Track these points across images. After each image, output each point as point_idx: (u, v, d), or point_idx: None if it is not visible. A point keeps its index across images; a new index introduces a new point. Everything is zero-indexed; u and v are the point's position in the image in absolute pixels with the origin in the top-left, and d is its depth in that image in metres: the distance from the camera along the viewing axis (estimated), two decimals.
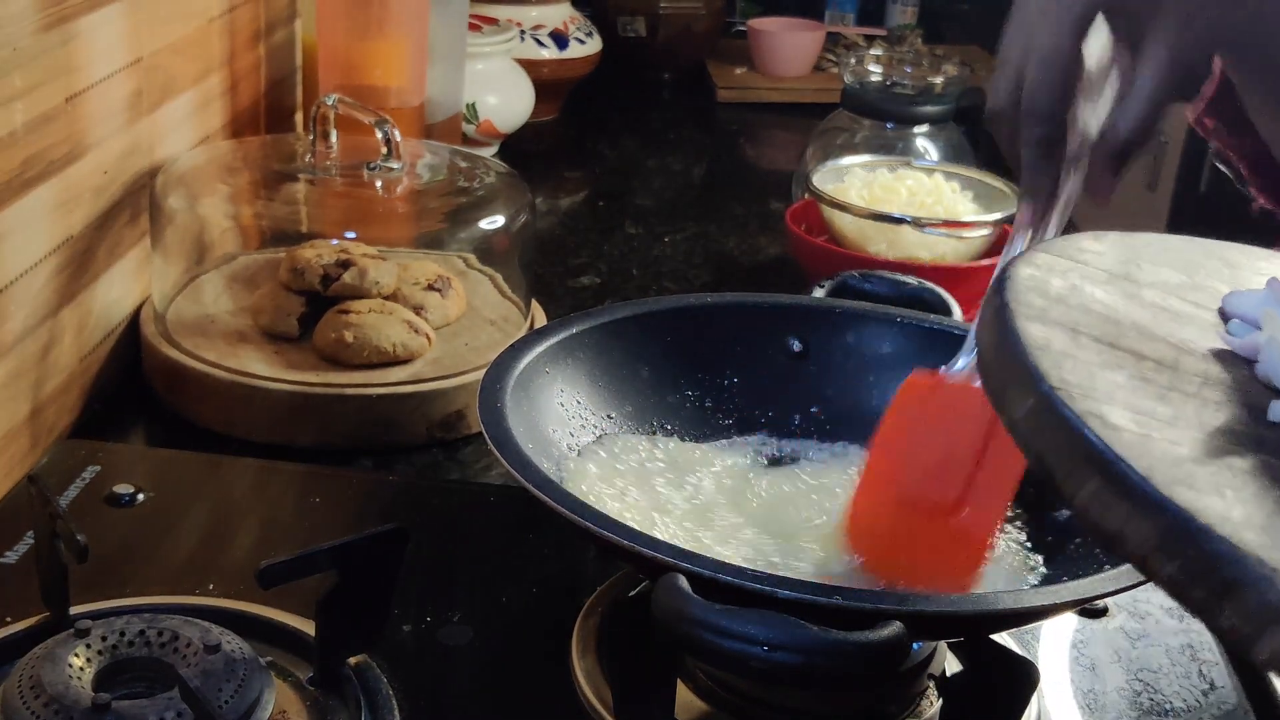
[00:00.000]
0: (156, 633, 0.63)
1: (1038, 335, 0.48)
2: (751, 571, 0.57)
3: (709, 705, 0.66)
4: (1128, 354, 0.50)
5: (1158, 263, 0.58)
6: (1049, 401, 0.45)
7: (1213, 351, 0.52)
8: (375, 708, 0.65)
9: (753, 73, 1.92)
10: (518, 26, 1.60)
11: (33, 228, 0.87)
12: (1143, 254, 0.58)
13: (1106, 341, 0.50)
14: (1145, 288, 0.56)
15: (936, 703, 0.67)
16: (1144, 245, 0.60)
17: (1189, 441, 0.45)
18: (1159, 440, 0.44)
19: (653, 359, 0.78)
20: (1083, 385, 0.46)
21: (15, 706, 0.58)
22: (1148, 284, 0.56)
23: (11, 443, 0.86)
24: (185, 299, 1.04)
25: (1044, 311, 0.50)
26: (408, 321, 0.98)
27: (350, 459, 0.93)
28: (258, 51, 1.26)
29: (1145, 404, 0.47)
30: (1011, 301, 0.50)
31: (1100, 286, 0.54)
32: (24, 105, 0.84)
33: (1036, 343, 0.48)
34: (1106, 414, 0.44)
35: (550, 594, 0.76)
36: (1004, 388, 0.48)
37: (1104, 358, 0.49)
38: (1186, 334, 0.53)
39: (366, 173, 1.05)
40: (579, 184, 1.57)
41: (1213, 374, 0.51)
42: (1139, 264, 0.57)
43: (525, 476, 0.62)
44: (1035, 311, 0.50)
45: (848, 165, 1.29)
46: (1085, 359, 0.48)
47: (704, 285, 1.28)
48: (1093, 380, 0.47)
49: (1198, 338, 0.53)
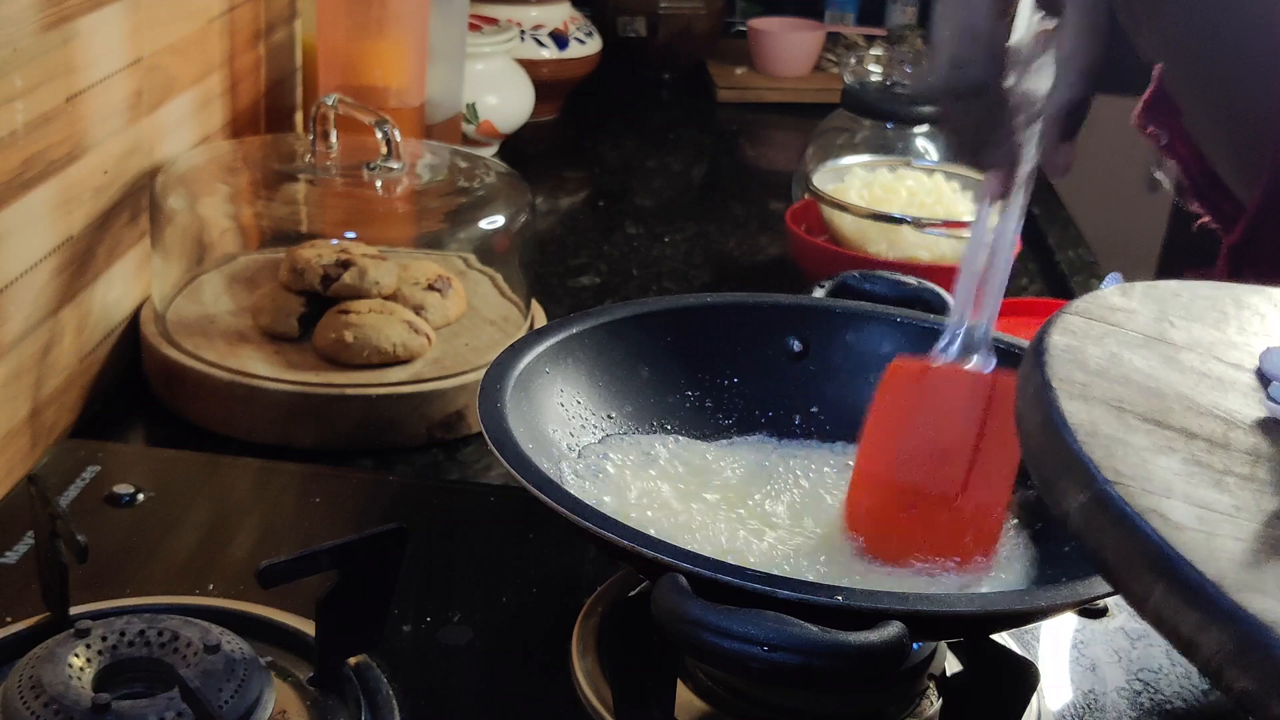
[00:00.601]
0: (156, 633, 0.63)
1: (1084, 419, 0.47)
2: (752, 571, 0.57)
3: (709, 705, 0.66)
4: (1178, 433, 0.48)
5: (1189, 318, 0.57)
6: (1106, 498, 0.43)
7: (1259, 422, 0.51)
8: (375, 708, 0.65)
9: (753, 73, 1.92)
10: (518, 26, 1.61)
11: (33, 228, 0.87)
12: (1172, 308, 0.57)
13: (1154, 419, 0.48)
14: (1182, 350, 0.54)
15: (936, 703, 0.67)
16: (1172, 297, 0.58)
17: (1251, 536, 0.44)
18: (1223, 538, 0.43)
19: (653, 359, 0.78)
20: (1138, 477, 0.44)
21: (15, 706, 0.58)
22: (1184, 345, 0.55)
23: (11, 443, 0.86)
24: (185, 299, 1.04)
25: (1086, 389, 0.49)
26: (408, 321, 0.98)
27: (350, 459, 0.93)
28: (258, 51, 1.26)
29: (1204, 494, 0.45)
30: (1053, 379, 0.48)
31: (1137, 352, 0.53)
32: (24, 105, 0.84)
33: (1084, 428, 0.46)
34: (1167, 511, 0.43)
35: (550, 594, 0.76)
36: (1054, 478, 0.46)
37: (1154, 440, 0.47)
38: (1231, 403, 0.52)
39: (366, 173, 1.05)
40: (579, 184, 1.57)
41: (1263, 449, 0.49)
42: (1171, 321, 0.56)
43: (525, 476, 0.62)
44: (1077, 389, 0.48)
45: (848, 165, 1.29)
46: (1136, 444, 0.46)
47: (704, 285, 1.28)
48: (1147, 470, 0.45)
49: (1242, 406, 0.52)
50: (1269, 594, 0.41)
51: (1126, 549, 0.43)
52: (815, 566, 0.67)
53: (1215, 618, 0.40)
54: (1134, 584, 0.42)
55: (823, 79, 1.88)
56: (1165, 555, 0.41)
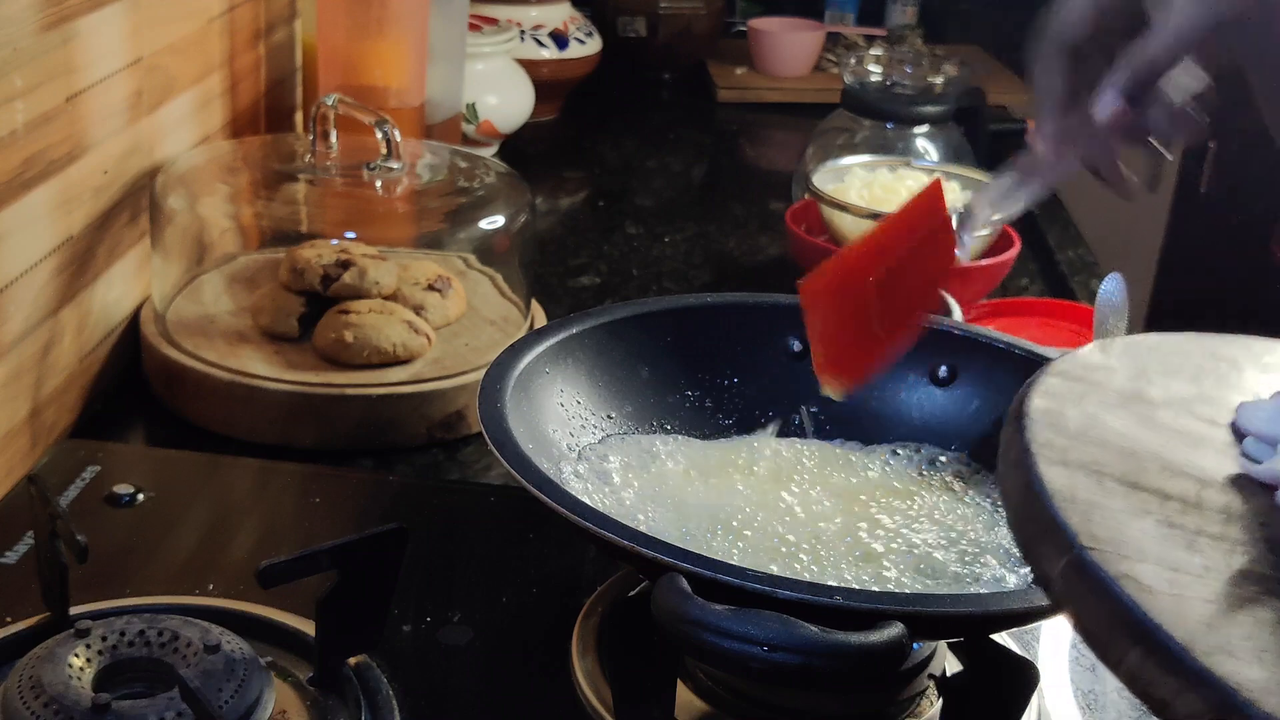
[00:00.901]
0: (156, 633, 0.63)
1: (1062, 484, 0.48)
2: (752, 572, 0.57)
3: (709, 705, 0.66)
4: (1153, 495, 0.49)
5: (1166, 373, 0.58)
6: (1081, 563, 0.45)
7: (1231, 480, 0.52)
8: (375, 708, 0.65)
9: (753, 73, 1.92)
10: (518, 26, 1.60)
11: (33, 228, 0.87)
12: (1150, 364, 0.59)
13: (1129, 482, 0.50)
14: (1159, 408, 0.55)
15: (936, 703, 0.67)
16: (1149, 352, 0.60)
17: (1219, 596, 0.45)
18: (1193, 600, 0.44)
19: (653, 359, 0.78)
20: (1114, 541, 0.45)
21: (15, 707, 0.58)
22: (1160, 402, 0.56)
23: (11, 443, 0.86)
24: (185, 299, 1.04)
25: (1065, 453, 0.50)
26: (408, 321, 0.98)
27: (350, 459, 0.93)
28: (258, 51, 1.26)
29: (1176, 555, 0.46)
30: (1032, 444, 0.50)
31: (1115, 413, 0.54)
32: (24, 105, 0.84)
33: (1062, 494, 0.47)
34: (1140, 575, 0.44)
35: (550, 594, 0.76)
36: (1034, 542, 0.48)
37: (1130, 502, 0.48)
38: (1205, 461, 0.53)
39: (366, 173, 1.05)
40: (579, 184, 1.57)
41: (1234, 508, 0.51)
42: (1149, 378, 0.58)
43: (525, 476, 0.62)
44: (1056, 454, 0.50)
45: (848, 165, 1.29)
46: (1112, 507, 0.48)
47: (704, 285, 1.28)
48: (1123, 534, 0.46)
49: (1215, 464, 0.53)
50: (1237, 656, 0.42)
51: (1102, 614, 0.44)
52: (814, 564, 0.67)
53: (1187, 682, 0.41)
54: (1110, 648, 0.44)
55: (823, 79, 1.88)
56: (1138, 620, 0.43)
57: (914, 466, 0.76)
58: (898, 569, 0.67)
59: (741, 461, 0.75)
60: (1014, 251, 1.21)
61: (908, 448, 0.77)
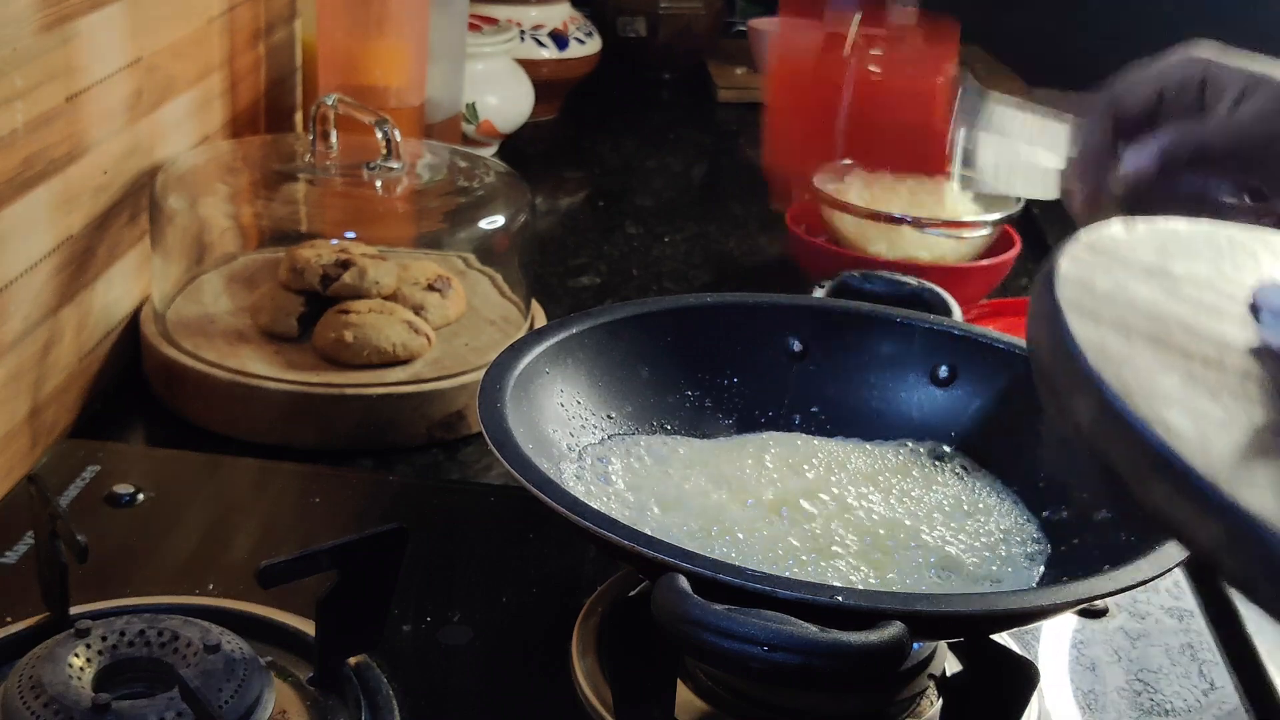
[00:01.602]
0: (156, 633, 0.63)
1: (1093, 338, 0.51)
2: (752, 572, 0.57)
3: (709, 705, 0.66)
4: (1177, 354, 0.52)
5: (1188, 254, 0.61)
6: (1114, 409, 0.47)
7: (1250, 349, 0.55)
8: (375, 708, 0.65)
9: (753, 73, 1.92)
10: (518, 26, 1.60)
11: (33, 228, 0.87)
12: (1171, 244, 0.62)
13: (1156, 340, 0.52)
14: (1182, 282, 0.58)
15: (936, 703, 0.67)
16: (1171, 234, 0.63)
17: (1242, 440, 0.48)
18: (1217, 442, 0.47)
19: (653, 359, 0.78)
20: (1142, 389, 0.48)
21: (15, 706, 0.58)
22: (1183, 278, 0.59)
23: (11, 443, 0.86)
24: (185, 299, 1.04)
25: (1095, 312, 0.53)
26: (408, 321, 0.98)
27: (350, 459, 0.93)
28: (258, 51, 1.26)
29: (1201, 405, 0.49)
30: (1063, 302, 0.52)
31: (1140, 283, 0.57)
32: (24, 105, 0.84)
33: (1093, 346, 0.50)
34: (1169, 419, 0.47)
35: (550, 594, 0.76)
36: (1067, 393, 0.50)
37: (1156, 358, 0.51)
38: (1226, 330, 0.56)
39: (366, 173, 1.05)
40: (579, 184, 1.57)
41: (1253, 371, 0.54)
42: (1172, 256, 0.60)
43: (525, 476, 0.62)
44: (1087, 312, 0.52)
45: (848, 165, 1.29)
46: (1139, 361, 0.50)
47: (704, 285, 1.28)
48: (1151, 384, 0.49)
49: (1236, 334, 0.56)
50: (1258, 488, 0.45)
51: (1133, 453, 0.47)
52: (815, 564, 0.67)
53: (1210, 511, 0.44)
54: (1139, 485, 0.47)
55: None
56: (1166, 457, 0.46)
57: (918, 463, 0.76)
58: (903, 570, 0.67)
59: (741, 461, 0.75)
60: (1014, 251, 1.21)
61: (906, 446, 0.77)
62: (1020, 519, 0.72)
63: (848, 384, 0.80)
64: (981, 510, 0.72)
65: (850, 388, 0.79)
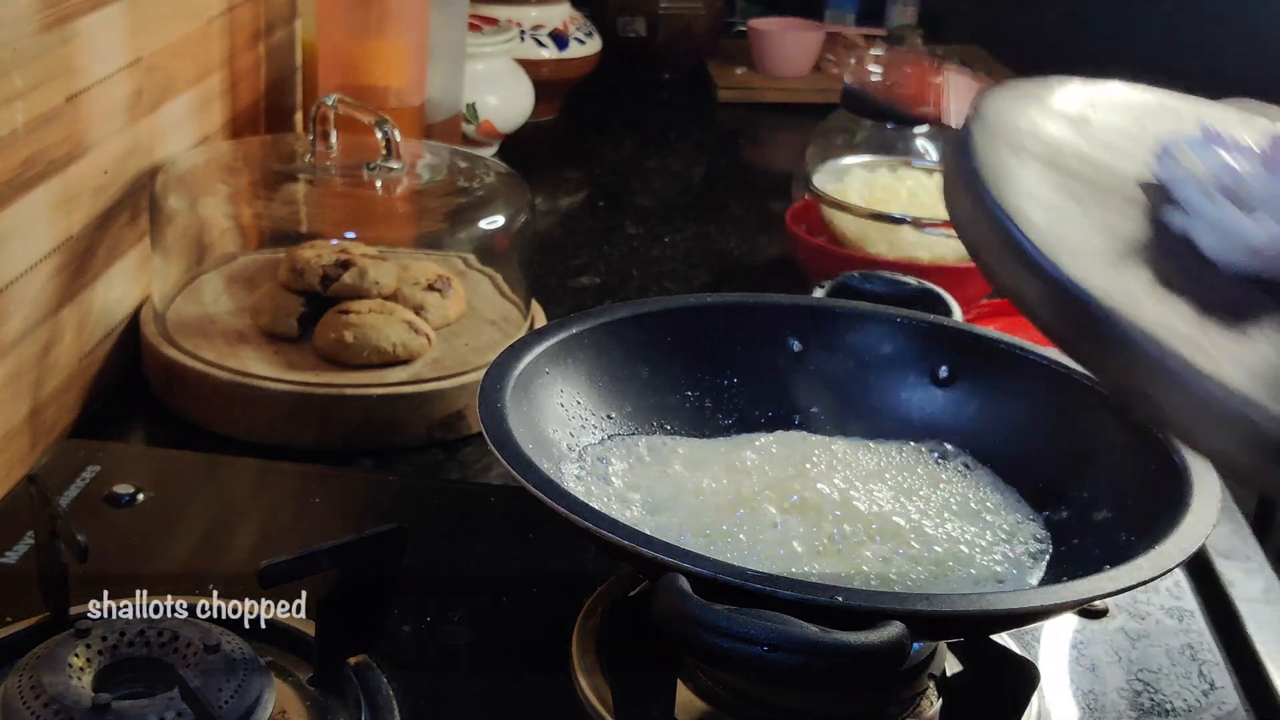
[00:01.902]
0: (156, 633, 0.63)
1: (987, 149, 0.58)
2: (752, 572, 0.57)
3: (709, 705, 0.66)
4: (1062, 171, 0.59)
5: (1113, 108, 0.67)
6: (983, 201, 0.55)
7: (1140, 182, 0.61)
8: (375, 708, 0.65)
9: (753, 73, 1.92)
10: (518, 26, 1.61)
11: (33, 228, 0.87)
12: (1098, 100, 0.67)
13: (1046, 160, 0.59)
14: (1096, 128, 0.64)
15: (936, 703, 0.67)
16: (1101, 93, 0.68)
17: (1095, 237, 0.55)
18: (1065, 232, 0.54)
19: (653, 359, 0.78)
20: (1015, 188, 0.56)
21: (15, 707, 0.58)
22: (1099, 125, 0.64)
23: (11, 443, 0.86)
24: (185, 299, 1.04)
25: (997, 133, 0.60)
26: (408, 322, 0.98)
27: (350, 459, 0.93)
28: (258, 51, 1.26)
29: (1065, 208, 0.56)
30: (974, 125, 0.60)
31: (1056, 123, 0.63)
32: (24, 105, 0.84)
33: (984, 153, 0.57)
34: (1027, 209, 0.54)
35: (550, 594, 0.76)
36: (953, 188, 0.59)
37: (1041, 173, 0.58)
38: (1121, 164, 0.62)
39: (366, 173, 1.05)
40: (579, 184, 1.57)
41: (1135, 197, 0.60)
42: (1095, 108, 0.66)
43: (525, 477, 0.62)
44: (991, 133, 0.59)
45: (848, 165, 1.29)
46: (1022, 172, 0.57)
47: (704, 285, 1.28)
48: (1024, 185, 0.56)
49: (1130, 168, 0.62)
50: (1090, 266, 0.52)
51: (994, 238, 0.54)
52: (815, 563, 0.67)
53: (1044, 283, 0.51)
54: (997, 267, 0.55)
55: (823, 79, 1.88)
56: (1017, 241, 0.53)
57: (921, 461, 0.76)
58: (903, 569, 0.67)
59: (741, 461, 0.75)
60: None
61: (909, 445, 0.77)
62: (1021, 519, 0.72)
63: (848, 384, 0.79)
64: (988, 509, 0.72)
65: (850, 388, 0.79)
